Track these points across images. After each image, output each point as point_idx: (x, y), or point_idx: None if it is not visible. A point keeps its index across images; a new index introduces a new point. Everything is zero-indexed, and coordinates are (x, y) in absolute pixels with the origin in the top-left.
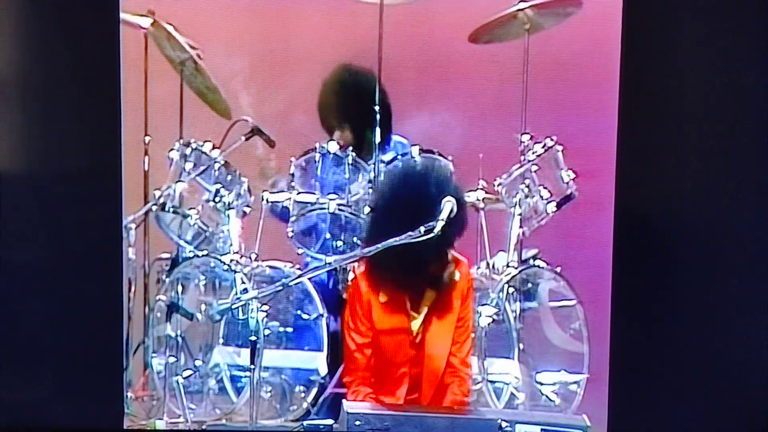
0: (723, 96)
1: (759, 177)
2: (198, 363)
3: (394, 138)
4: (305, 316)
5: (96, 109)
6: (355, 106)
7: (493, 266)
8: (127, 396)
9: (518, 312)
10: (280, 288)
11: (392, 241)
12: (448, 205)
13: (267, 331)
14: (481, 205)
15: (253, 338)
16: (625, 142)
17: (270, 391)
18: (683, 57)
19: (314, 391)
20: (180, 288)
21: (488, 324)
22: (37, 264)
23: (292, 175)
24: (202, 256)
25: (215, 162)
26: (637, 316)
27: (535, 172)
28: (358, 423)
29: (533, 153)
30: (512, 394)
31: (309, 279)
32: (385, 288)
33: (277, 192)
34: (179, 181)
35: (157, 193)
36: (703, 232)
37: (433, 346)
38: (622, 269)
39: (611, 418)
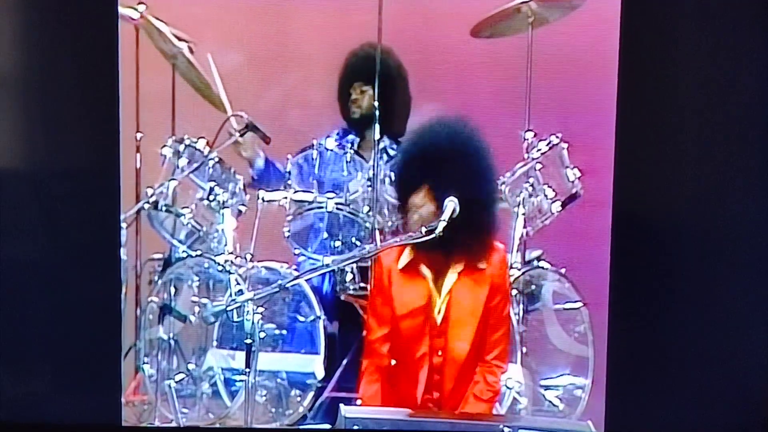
0: (722, 93)
1: (759, 175)
2: (191, 366)
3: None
4: (302, 319)
5: (93, 105)
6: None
7: None
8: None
9: (521, 314)
10: (277, 290)
11: (393, 242)
12: (450, 204)
13: (262, 334)
14: None
15: (248, 341)
16: (625, 140)
17: (265, 395)
18: (683, 54)
19: (311, 395)
20: (173, 289)
21: None
22: (34, 261)
23: (289, 173)
24: (196, 256)
25: (209, 159)
26: (637, 317)
27: (539, 170)
28: (356, 427)
29: (537, 151)
30: (515, 398)
31: (306, 280)
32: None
33: (272, 191)
34: (172, 178)
35: (150, 191)
36: (702, 232)
37: (455, 334)
38: (622, 270)
39: (608, 419)
